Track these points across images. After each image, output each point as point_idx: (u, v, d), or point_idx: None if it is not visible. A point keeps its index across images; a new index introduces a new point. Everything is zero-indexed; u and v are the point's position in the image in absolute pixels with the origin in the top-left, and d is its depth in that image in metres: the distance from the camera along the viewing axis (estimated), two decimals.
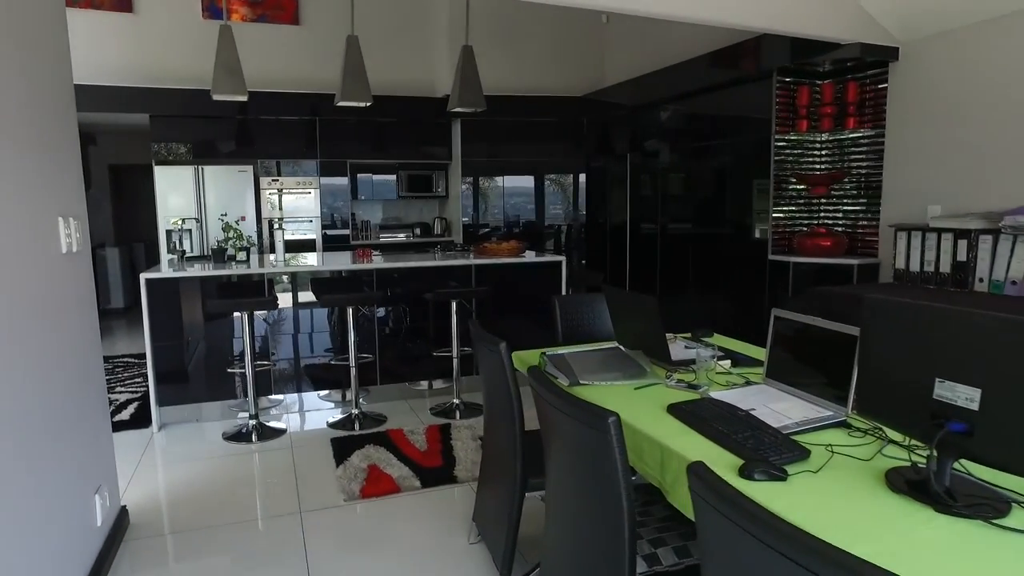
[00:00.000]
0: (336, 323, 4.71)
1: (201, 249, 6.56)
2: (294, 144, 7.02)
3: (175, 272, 4.19)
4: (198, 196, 6.58)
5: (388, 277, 4.69)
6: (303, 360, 4.65)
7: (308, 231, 7.02)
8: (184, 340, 4.25)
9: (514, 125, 7.46)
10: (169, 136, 6.63)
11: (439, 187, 7.78)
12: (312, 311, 4.66)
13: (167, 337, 4.19)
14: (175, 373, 4.25)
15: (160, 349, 4.16)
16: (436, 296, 4.40)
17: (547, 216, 7.76)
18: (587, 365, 2.50)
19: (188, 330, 4.26)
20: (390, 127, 7.36)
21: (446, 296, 4.43)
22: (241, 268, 4.36)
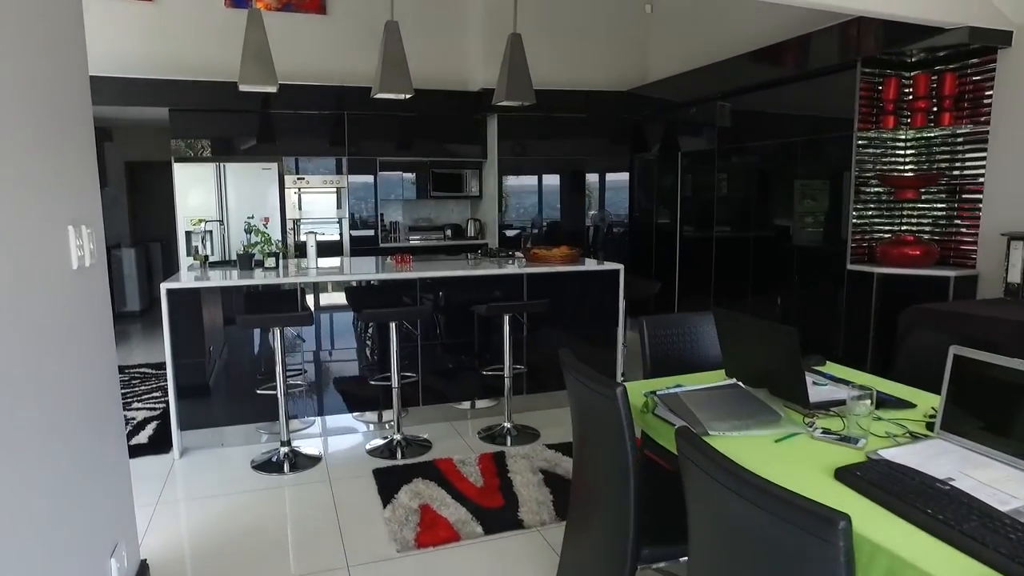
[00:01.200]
0: (372, 336, 4.27)
1: (223, 253, 6.15)
2: (320, 141, 6.60)
3: (198, 282, 3.77)
4: (219, 195, 6.18)
5: (430, 287, 4.25)
6: (335, 376, 4.22)
7: (333, 232, 6.60)
8: (207, 357, 3.83)
9: (553, 121, 7.01)
10: (189, 131, 6.23)
11: (471, 187, 7.33)
12: (336, 318, 4.23)
13: (189, 353, 3.77)
14: (197, 393, 3.83)
15: (182, 367, 3.75)
16: (490, 311, 3.95)
17: (585, 217, 7.30)
18: (709, 408, 2.05)
19: (211, 345, 3.84)
20: (420, 123, 6.93)
21: (500, 310, 3.98)
22: (272, 277, 3.93)
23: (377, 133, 6.77)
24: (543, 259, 4.67)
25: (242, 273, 4.10)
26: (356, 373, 4.28)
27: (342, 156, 6.65)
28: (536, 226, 7.15)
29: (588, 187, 7.29)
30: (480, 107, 6.93)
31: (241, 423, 3.93)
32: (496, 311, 3.97)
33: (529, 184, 7.15)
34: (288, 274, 4.08)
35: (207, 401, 3.86)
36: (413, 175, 7.18)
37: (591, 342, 4.72)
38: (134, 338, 7.28)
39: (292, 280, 3.88)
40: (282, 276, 3.99)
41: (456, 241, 7.29)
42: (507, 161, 6.97)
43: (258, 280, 3.82)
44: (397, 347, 3.80)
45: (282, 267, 4.40)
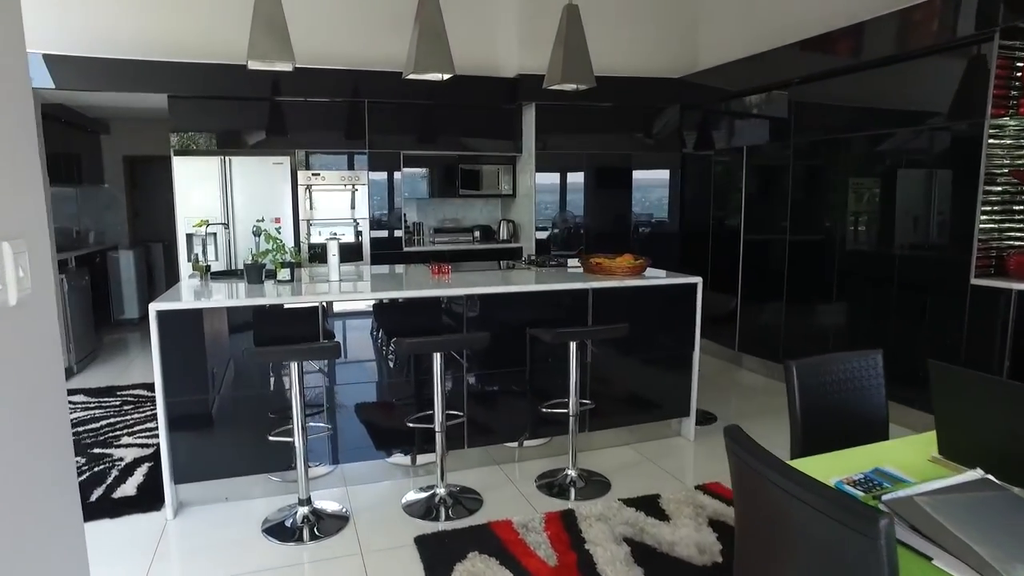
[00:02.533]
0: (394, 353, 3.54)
1: (228, 259, 5.45)
2: (336, 132, 5.88)
3: (197, 301, 3.05)
4: (224, 193, 5.47)
5: (476, 304, 3.52)
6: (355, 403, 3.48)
7: (350, 234, 5.88)
8: (209, 392, 3.11)
9: (596, 112, 6.27)
10: (191, 121, 5.52)
11: (504, 184, 6.60)
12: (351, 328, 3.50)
13: (185, 389, 3.05)
14: (196, 438, 3.11)
15: (176, 406, 3.03)
16: (557, 337, 3.21)
17: (629, 218, 6.55)
18: (976, 526, 1.31)
19: (213, 378, 3.12)
20: (447, 114, 6.20)
21: (570, 337, 3.25)
22: (286, 293, 3.21)
23: (399, 124, 6.05)
24: (606, 270, 3.94)
25: (251, 288, 3.38)
26: (379, 398, 3.54)
27: (361, 150, 5.92)
28: (572, 228, 6.40)
29: (639, 184, 6.54)
30: (514, 95, 6.20)
31: (248, 473, 3.21)
32: (564, 338, 3.23)
33: (569, 182, 6.41)
34: (307, 289, 3.35)
35: (207, 447, 3.14)
36: (439, 171, 6.45)
37: (658, 367, 3.99)
38: (132, 350, 6.59)
39: (313, 299, 3.15)
40: (300, 292, 3.26)
41: (486, 244, 6.56)
42: (545, 156, 6.23)
43: (270, 298, 3.09)
44: (443, 383, 3.07)
45: (297, 278, 3.69)
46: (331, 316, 3.24)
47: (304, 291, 3.29)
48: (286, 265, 3.52)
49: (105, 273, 7.43)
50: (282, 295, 3.17)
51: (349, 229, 5.86)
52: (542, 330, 3.29)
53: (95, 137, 7.93)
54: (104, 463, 3.66)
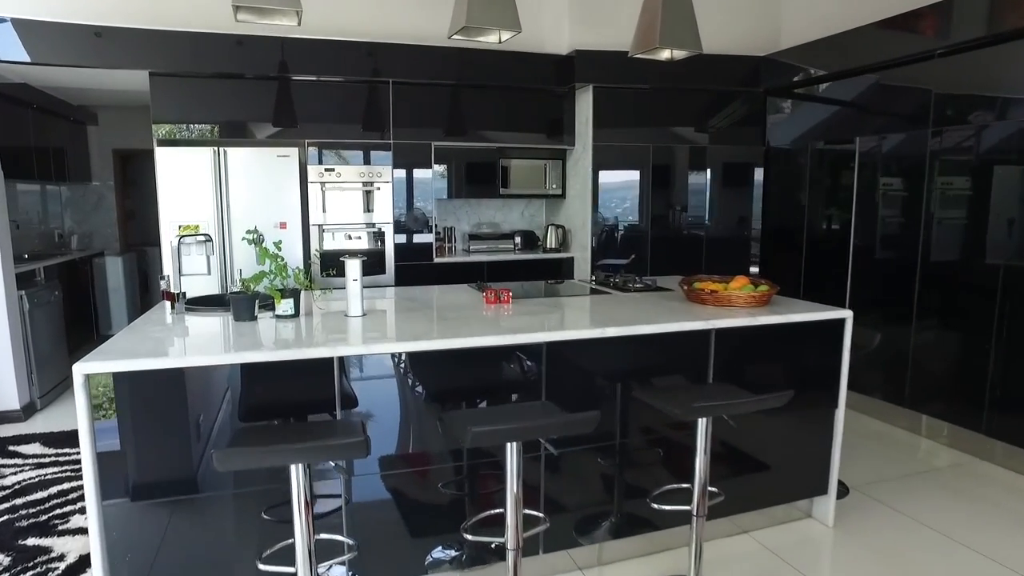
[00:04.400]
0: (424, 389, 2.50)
1: (222, 275, 4.45)
2: (355, 120, 4.86)
3: (151, 357, 2.01)
4: (218, 192, 4.47)
5: (551, 353, 2.46)
6: (392, 508, 2.45)
7: (368, 239, 4.86)
8: (167, 492, 2.08)
9: (661, 97, 5.23)
10: (177, 105, 4.52)
11: (552, 183, 5.56)
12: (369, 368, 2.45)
13: (134, 486, 2.03)
14: (146, 557, 2.09)
15: (118, 513, 2.00)
16: (693, 413, 2.15)
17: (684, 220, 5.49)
18: None
19: (177, 466, 2.09)
20: (483, 98, 5.17)
21: (710, 411, 2.18)
22: (287, 344, 2.18)
23: (429, 111, 5.03)
24: (722, 300, 2.88)
25: (238, 328, 2.36)
26: (417, 488, 2.50)
27: (384, 140, 4.90)
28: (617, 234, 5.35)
29: (713, 182, 5.47)
30: (567, 76, 5.16)
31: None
32: (703, 412, 2.17)
33: (623, 180, 5.35)
34: (317, 332, 2.33)
35: (166, 569, 2.11)
36: (474, 167, 5.41)
37: (788, 430, 2.93)
38: None
39: (326, 351, 2.11)
40: (307, 340, 2.23)
41: (529, 254, 5.53)
42: (605, 150, 5.18)
43: (261, 352, 2.05)
44: (518, 480, 2.02)
45: (306, 309, 2.67)
46: (351, 370, 2.21)
47: (313, 335, 2.27)
48: (289, 294, 2.50)
49: (90, 283, 6.45)
50: (280, 344, 2.14)
51: (369, 235, 4.84)
52: (661, 396, 2.24)
53: (81, 128, 6.97)
54: (35, 563, 2.65)
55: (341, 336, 2.26)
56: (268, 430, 2.03)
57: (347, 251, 4.65)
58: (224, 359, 1.98)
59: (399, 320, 2.55)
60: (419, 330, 2.36)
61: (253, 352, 2.00)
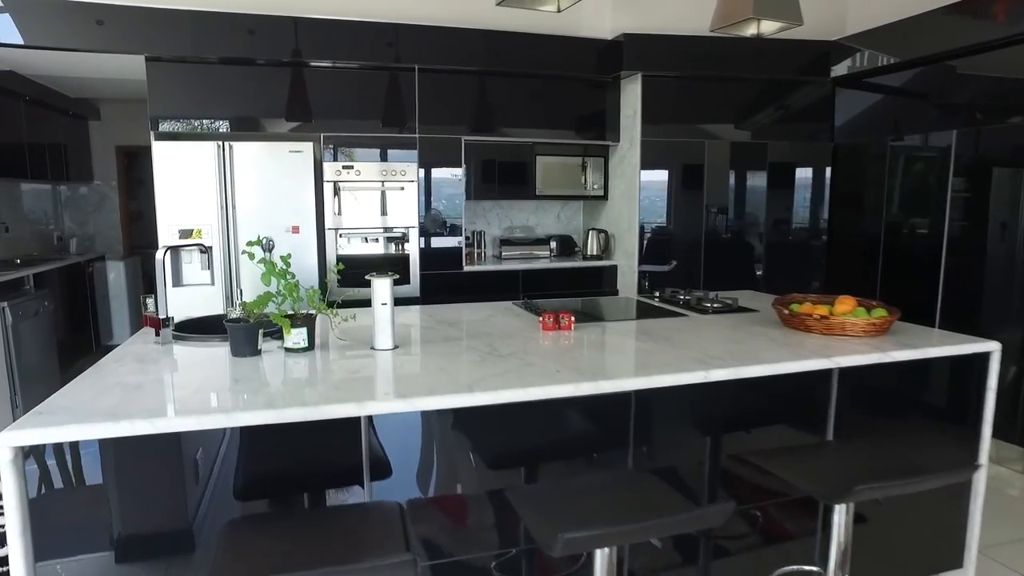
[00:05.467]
0: None
1: (226, 288, 3.93)
2: (376, 111, 4.33)
3: (106, 422, 1.46)
4: (223, 191, 3.96)
5: (653, 399, 1.91)
6: None
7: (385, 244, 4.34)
8: None
9: (719, 87, 4.67)
10: (177, 94, 4.01)
11: (593, 183, 5.00)
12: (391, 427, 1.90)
13: None
14: None
15: None
16: (848, 496, 1.59)
17: (760, 225, 4.91)
18: None
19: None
20: (515, 88, 4.63)
21: (888, 490, 1.61)
22: (297, 397, 1.65)
23: (459, 103, 4.49)
24: (834, 328, 2.32)
25: (235, 367, 1.83)
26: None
27: (408, 134, 4.36)
28: (682, 240, 4.79)
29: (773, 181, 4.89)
30: (613, 63, 4.60)
31: None
32: (863, 495, 1.60)
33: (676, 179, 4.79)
34: (337, 376, 1.79)
35: None
36: (507, 165, 4.87)
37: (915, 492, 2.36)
38: None
39: (353, 409, 1.56)
40: (324, 394, 1.70)
41: (567, 261, 4.97)
42: (654, 146, 4.62)
43: (265, 415, 1.51)
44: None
45: (321, 340, 2.13)
46: (382, 424, 1.67)
47: (333, 381, 1.73)
48: (301, 322, 1.96)
49: (90, 289, 5.97)
50: (289, 395, 1.61)
51: (391, 241, 4.31)
52: (798, 469, 1.68)
53: (82, 123, 6.51)
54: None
55: (370, 383, 1.72)
56: (274, 528, 1.49)
57: (366, 259, 4.13)
58: (210, 421, 1.44)
59: (441, 356, 2.01)
60: (471, 373, 1.81)
61: (251, 413, 1.46)
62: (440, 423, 1.72)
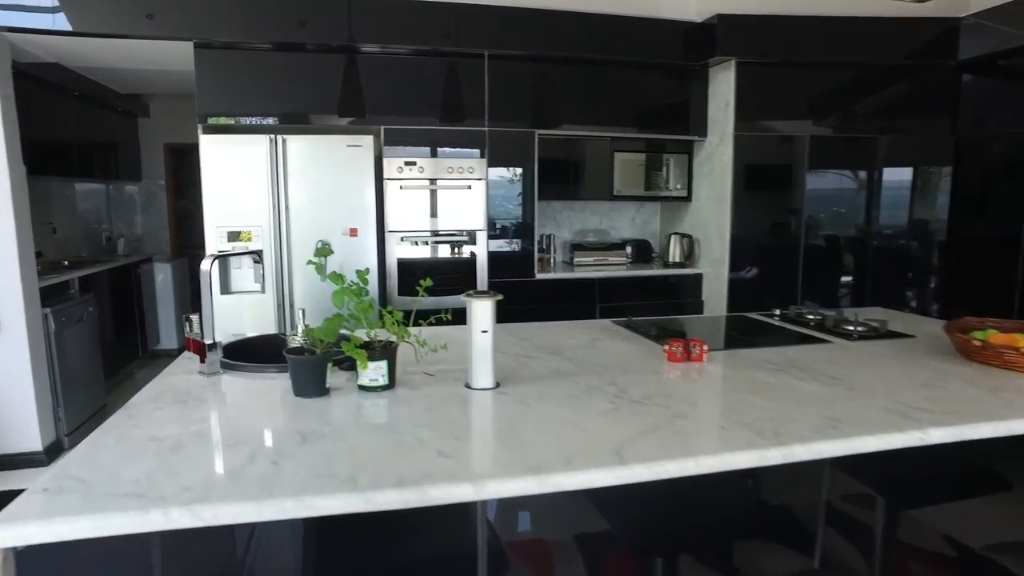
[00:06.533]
0: None
1: (277, 296, 3.57)
2: (439, 102, 3.92)
3: (127, 513, 1.07)
4: (275, 190, 3.60)
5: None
6: None
7: (450, 248, 3.92)
8: None
9: (823, 74, 4.14)
10: (226, 84, 3.67)
11: (676, 182, 4.51)
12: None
13: None
14: None
15: None
16: None
17: (870, 229, 4.35)
18: None
19: None
20: (594, 77, 4.17)
21: None
22: (400, 484, 1.22)
23: (530, 94, 4.06)
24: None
25: (295, 414, 1.42)
26: None
27: (476, 127, 3.94)
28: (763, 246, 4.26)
29: (890, 182, 4.33)
30: (699, 50, 4.11)
31: None
32: None
33: (769, 177, 4.26)
34: (441, 437, 1.36)
35: None
36: (580, 162, 4.41)
37: None
38: None
39: (471, 494, 1.13)
40: (426, 460, 1.27)
41: (645, 269, 4.49)
42: (749, 142, 4.11)
43: (351, 499, 1.08)
44: None
45: (403, 375, 1.71)
46: (494, 501, 1.24)
47: (430, 442, 1.30)
48: (380, 353, 1.54)
49: (136, 292, 5.72)
50: (376, 471, 1.18)
51: (456, 245, 3.90)
52: None
53: (132, 121, 6.28)
54: None
55: (483, 444, 1.28)
56: None
57: (428, 264, 3.73)
58: (273, 510, 1.02)
59: (559, 400, 1.56)
60: (611, 431, 1.36)
61: (330, 498, 1.04)
62: (574, 502, 1.27)
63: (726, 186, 4.14)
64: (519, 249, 4.07)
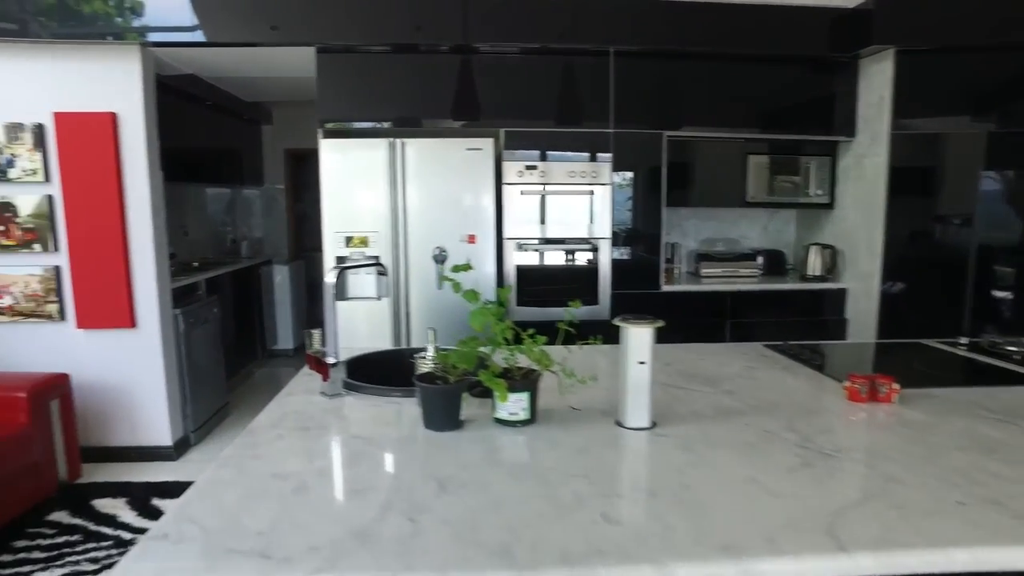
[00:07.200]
0: None
1: (394, 304, 3.48)
2: (558, 101, 3.72)
3: (257, 572, 0.93)
4: (393, 194, 3.52)
5: None
6: None
7: (571, 257, 3.70)
8: None
9: (999, 63, 3.61)
10: (345, 88, 3.63)
11: (816, 188, 4.08)
12: None
13: None
14: None
15: None
16: None
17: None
18: None
19: None
20: (722, 73, 3.83)
21: None
22: (566, 565, 1.01)
23: (657, 92, 3.78)
24: None
25: (434, 462, 1.24)
26: None
27: (600, 128, 3.71)
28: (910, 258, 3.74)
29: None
30: (849, 39, 3.69)
31: None
32: None
33: (930, 182, 3.75)
34: (615, 525, 1.15)
35: None
36: (709, 164, 4.07)
37: None
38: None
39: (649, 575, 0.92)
40: (597, 535, 1.07)
41: (781, 283, 4.09)
42: (909, 142, 3.64)
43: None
44: None
45: (548, 410, 1.50)
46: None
47: (588, 499, 1.09)
48: (521, 384, 1.35)
49: (255, 293, 5.90)
50: (531, 537, 0.98)
51: (578, 253, 3.68)
52: None
53: (255, 128, 6.52)
54: None
55: (655, 505, 1.05)
56: None
57: (547, 272, 3.53)
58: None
59: (732, 449, 1.30)
60: (811, 497, 1.09)
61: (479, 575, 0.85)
62: None
63: (879, 191, 3.69)
64: (643, 258, 3.79)
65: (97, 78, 3.42)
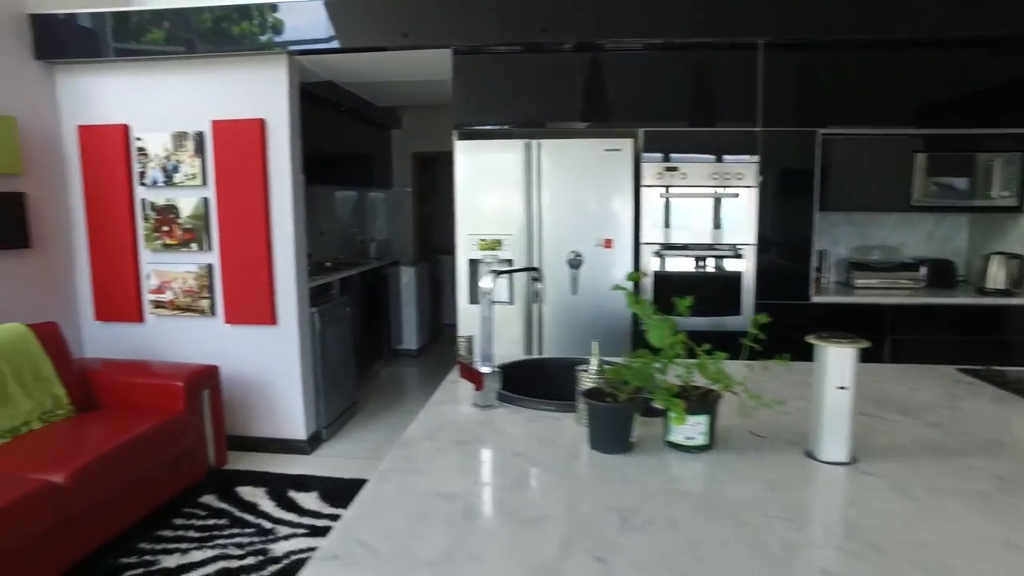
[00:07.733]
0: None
1: (526, 309, 3.40)
2: (704, 100, 3.49)
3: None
4: (528, 197, 3.44)
5: None
6: None
7: (713, 264, 3.46)
8: None
9: None
10: (480, 89, 3.60)
11: (1002, 188, 3.60)
12: None
13: None
14: None
15: None
16: None
17: None
18: None
19: None
20: (890, 59, 3.44)
21: None
22: None
23: (808, 84, 3.46)
24: None
25: (606, 490, 1.12)
26: None
27: (747, 126, 3.45)
28: None
29: None
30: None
31: None
32: None
33: None
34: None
35: None
36: (864, 165, 3.69)
37: None
38: (408, 398, 4.97)
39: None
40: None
41: (949, 296, 3.64)
42: None
43: None
44: None
45: (724, 439, 1.34)
46: None
47: (798, 548, 0.93)
48: (699, 406, 1.20)
49: (383, 294, 6.06)
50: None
51: (720, 260, 3.45)
52: None
53: (386, 132, 6.71)
54: None
55: (880, 566, 0.88)
56: None
57: (686, 280, 3.33)
58: None
59: (955, 494, 1.10)
60: None
61: None
62: None
63: None
64: (790, 267, 3.50)
65: (249, 87, 3.59)
